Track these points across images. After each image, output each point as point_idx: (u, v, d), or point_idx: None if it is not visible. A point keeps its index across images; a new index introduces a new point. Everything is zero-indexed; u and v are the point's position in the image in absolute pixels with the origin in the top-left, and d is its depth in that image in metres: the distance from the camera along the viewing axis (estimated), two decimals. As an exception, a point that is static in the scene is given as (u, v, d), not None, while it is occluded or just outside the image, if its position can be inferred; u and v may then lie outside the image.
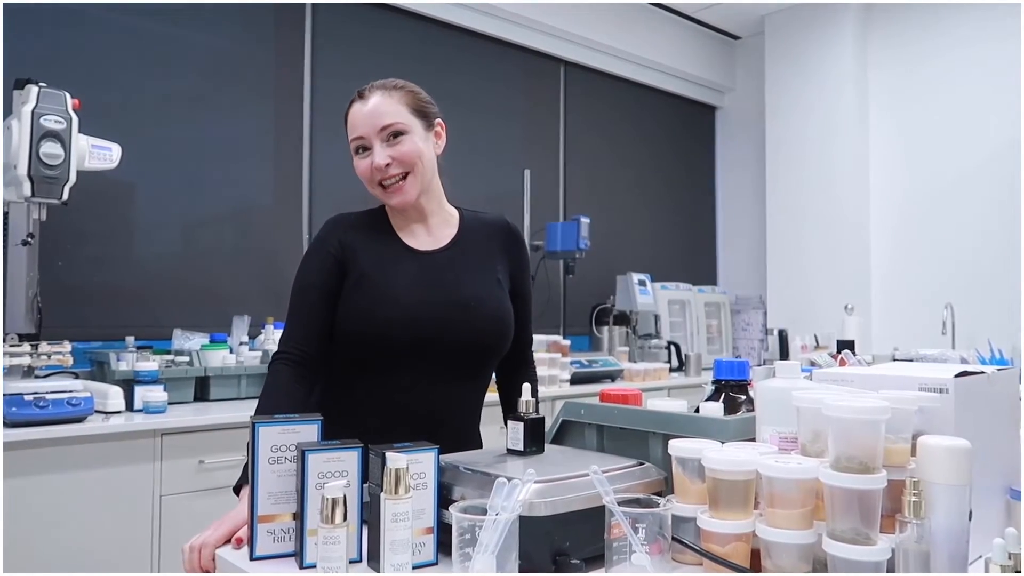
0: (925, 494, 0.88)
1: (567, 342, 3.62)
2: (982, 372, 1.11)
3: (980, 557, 0.98)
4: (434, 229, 1.51)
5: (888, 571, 0.88)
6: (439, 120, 1.51)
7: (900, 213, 4.49)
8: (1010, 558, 0.86)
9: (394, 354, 1.40)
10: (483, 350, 1.47)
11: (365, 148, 1.43)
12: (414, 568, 1.00)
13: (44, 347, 2.32)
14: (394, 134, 1.42)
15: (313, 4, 3.45)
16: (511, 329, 1.50)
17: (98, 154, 2.43)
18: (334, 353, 1.46)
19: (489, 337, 1.46)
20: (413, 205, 1.47)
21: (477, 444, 1.53)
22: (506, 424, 1.25)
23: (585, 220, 3.95)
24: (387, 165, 1.41)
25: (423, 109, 1.47)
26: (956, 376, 1.04)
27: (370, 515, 1.01)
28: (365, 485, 1.06)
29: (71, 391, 2.21)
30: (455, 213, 1.56)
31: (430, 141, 1.48)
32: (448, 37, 3.92)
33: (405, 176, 1.43)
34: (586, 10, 4.38)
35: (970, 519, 0.92)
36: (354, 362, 1.43)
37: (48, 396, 2.16)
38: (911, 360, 2.04)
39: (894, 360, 2.22)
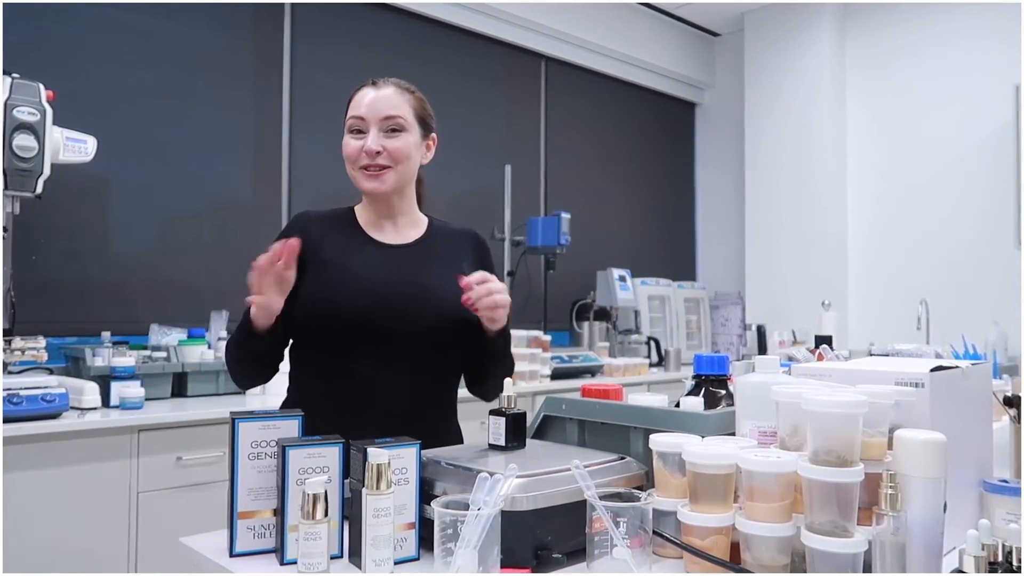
0: (901, 487, 0.89)
1: (547, 337, 3.63)
2: (956, 367, 1.13)
3: (954, 548, 1.00)
4: (401, 228, 1.55)
5: (865, 562, 0.90)
6: (434, 135, 1.56)
7: (876, 210, 4.54)
8: (984, 549, 0.88)
9: (355, 337, 1.41)
10: (444, 335, 1.46)
11: (361, 131, 1.46)
12: (396, 563, 1.00)
13: (18, 342, 2.28)
14: (393, 128, 1.46)
15: (293, 1, 3.42)
16: (469, 318, 1.49)
17: (73, 147, 2.40)
18: (301, 347, 1.49)
19: (449, 321, 1.45)
20: (384, 201, 1.51)
21: (455, 439, 1.53)
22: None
23: (566, 216, 3.96)
24: (377, 152, 1.44)
25: (425, 119, 1.52)
26: (931, 371, 1.05)
27: (351, 511, 1.01)
28: (347, 481, 1.06)
29: (45, 387, 2.18)
30: (425, 219, 1.59)
31: (420, 149, 1.52)
32: (428, 32, 3.90)
33: (387, 168, 1.46)
34: (567, 6, 4.38)
35: (945, 511, 0.94)
36: (320, 352, 1.44)
37: (22, 392, 2.12)
38: (887, 355, 2.07)
39: (870, 355, 2.25)
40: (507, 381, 1.25)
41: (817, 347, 1.84)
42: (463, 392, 1.58)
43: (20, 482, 2.08)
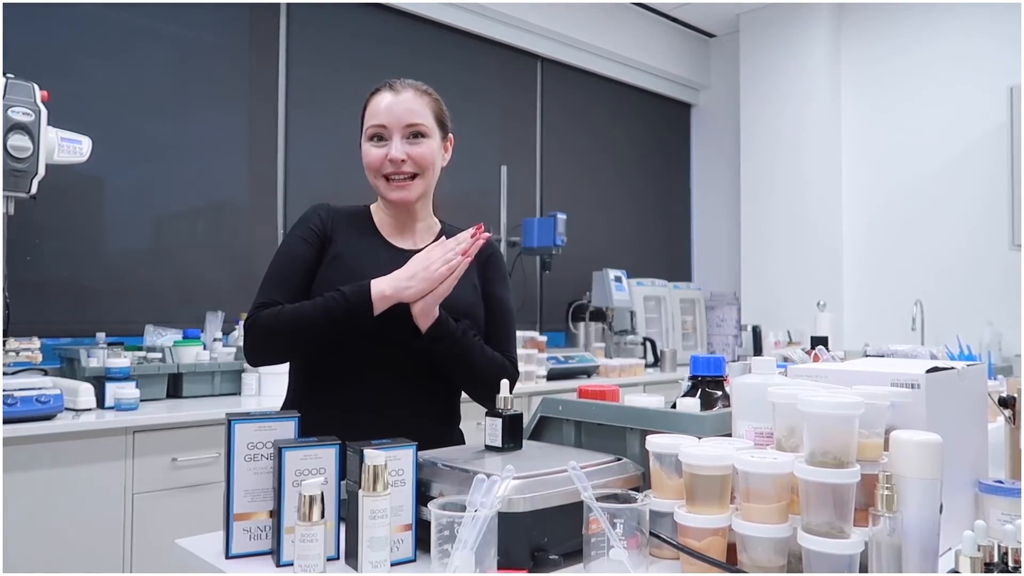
0: (897, 488, 0.90)
1: (543, 338, 3.63)
2: (952, 367, 1.13)
3: (950, 549, 1.00)
4: (415, 233, 1.54)
5: (861, 563, 0.90)
6: (451, 135, 1.55)
7: (871, 211, 4.55)
8: (979, 550, 0.88)
9: (356, 339, 1.39)
10: None
11: (382, 138, 1.44)
12: (392, 565, 1.00)
13: (12, 343, 2.27)
14: (417, 134, 1.44)
15: (288, 2, 3.42)
16: (476, 324, 1.49)
17: (68, 147, 2.39)
18: None
19: None
20: (406, 208, 1.50)
21: (458, 443, 1.52)
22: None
23: (562, 216, 3.96)
24: (403, 161, 1.42)
25: (443, 120, 1.51)
26: (927, 372, 1.06)
27: (348, 512, 1.01)
28: (343, 482, 1.06)
29: (40, 388, 2.17)
30: (438, 224, 1.59)
31: (441, 152, 1.51)
32: (424, 32, 3.90)
33: (414, 176, 1.45)
34: (563, 7, 4.38)
35: (941, 512, 0.94)
36: (326, 351, 1.43)
37: (16, 393, 2.12)
38: (882, 356, 2.08)
39: (866, 356, 2.25)
40: (503, 383, 1.25)
41: (813, 348, 1.85)
42: (463, 394, 1.58)
43: (15, 483, 2.07)
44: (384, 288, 1.34)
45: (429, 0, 3.81)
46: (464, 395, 1.56)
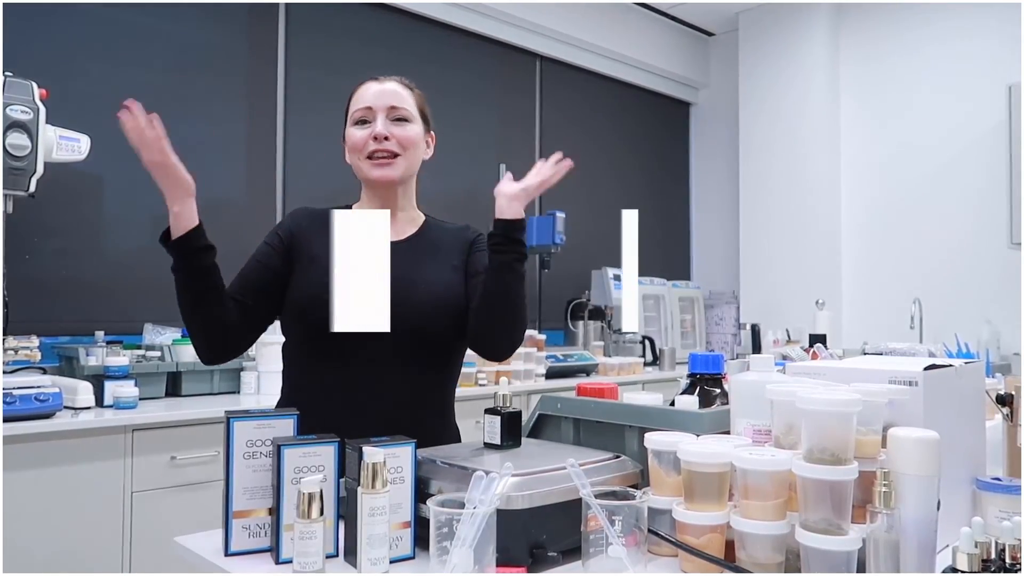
0: (895, 485, 0.90)
1: (542, 337, 3.63)
2: (950, 365, 1.13)
3: (948, 546, 1.00)
4: (398, 225, 1.53)
5: (859, 560, 0.90)
6: (432, 132, 1.57)
7: (870, 209, 4.56)
8: (977, 547, 0.88)
9: (342, 334, 1.38)
10: (432, 330, 1.44)
11: (367, 121, 1.47)
12: (391, 562, 1.00)
13: (11, 342, 2.27)
14: (400, 118, 1.47)
15: (287, 1, 3.41)
16: (460, 310, 1.46)
17: (66, 145, 2.39)
18: (293, 345, 1.49)
19: (436, 317, 1.44)
20: (389, 192, 1.50)
21: (453, 438, 1.53)
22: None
23: (561, 215, 3.96)
24: (385, 138, 1.45)
25: (426, 115, 1.54)
26: (925, 369, 1.06)
27: (347, 509, 1.01)
28: (342, 479, 1.06)
29: (39, 386, 2.17)
30: (422, 217, 1.59)
31: (424, 141, 1.54)
32: (423, 31, 3.90)
33: (396, 156, 1.47)
34: (562, 6, 4.38)
35: (938, 509, 0.94)
36: (311, 350, 1.44)
37: (15, 391, 2.11)
38: (881, 354, 2.08)
39: (864, 354, 2.25)
40: (503, 380, 1.25)
41: (811, 346, 1.85)
42: (460, 391, 1.58)
43: (14, 482, 2.07)
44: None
45: (428, -1, 3.81)
46: (461, 393, 1.56)
